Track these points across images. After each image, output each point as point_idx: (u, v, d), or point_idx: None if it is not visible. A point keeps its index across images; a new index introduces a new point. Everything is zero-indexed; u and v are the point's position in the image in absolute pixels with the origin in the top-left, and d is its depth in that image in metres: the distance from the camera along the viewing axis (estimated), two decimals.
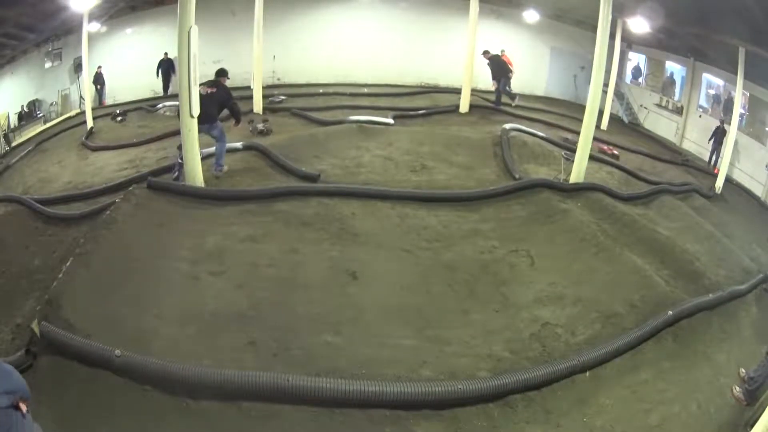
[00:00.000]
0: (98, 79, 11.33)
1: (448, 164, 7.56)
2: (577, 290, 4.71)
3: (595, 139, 7.31)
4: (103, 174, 7.41)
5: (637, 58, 14.10)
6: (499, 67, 11.10)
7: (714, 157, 11.09)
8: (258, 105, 10.16)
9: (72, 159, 8.60)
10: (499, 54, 11.27)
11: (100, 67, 11.27)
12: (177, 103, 6.94)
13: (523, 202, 6.38)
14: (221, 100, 6.35)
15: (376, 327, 3.99)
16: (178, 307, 3.99)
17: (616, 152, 9.78)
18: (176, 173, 6.33)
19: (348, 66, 13.24)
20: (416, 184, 6.76)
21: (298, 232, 5.26)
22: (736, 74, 9.53)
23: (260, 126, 8.67)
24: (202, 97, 5.88)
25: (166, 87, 11.89)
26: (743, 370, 4.10)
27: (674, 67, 12.85)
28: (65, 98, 11.33)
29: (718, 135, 10.79)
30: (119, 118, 10.60)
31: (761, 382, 3.84)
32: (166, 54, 11.46)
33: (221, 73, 6.46)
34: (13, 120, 10.35)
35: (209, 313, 3.96)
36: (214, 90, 6.26)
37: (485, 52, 10.93)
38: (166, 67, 11.61)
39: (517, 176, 7.05)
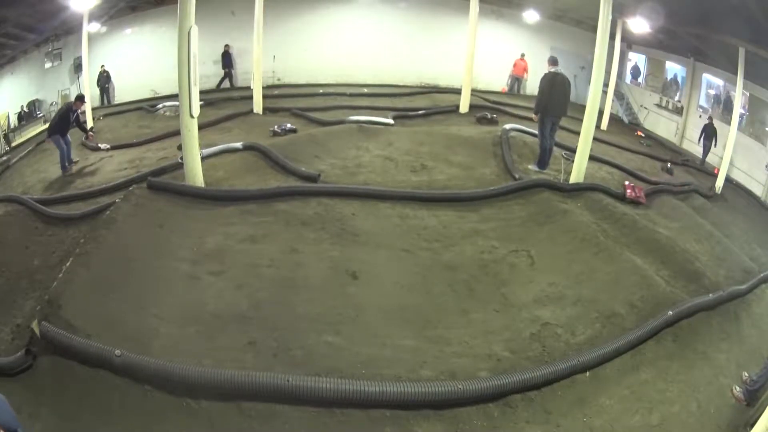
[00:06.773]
0: (101, 80, 11.29)
1: (448, 164, 7.55)
2: (577, 290, 4.71)
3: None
4: (102, 174, 7.41)
5: (636, 58, 14.10)
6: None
7: (705, 156, 11.02)
8: (258, 105, 10.17)
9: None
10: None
11: (103, 66, 11.25)
12: (176, 103, 6.95)
13: (523, 202, 6.37)
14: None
15: (376, 327, 3.99)
16: (178, 307, 3.99)
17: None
18: None
19: (348, 66, 13.23)
20: (416, 185, 6.75)
21: (298, 233, 5.26)
22: (736, 74, 9.53)
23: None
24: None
25: None
26: (746, 374, 4.10)
27: (674, 68, 12.85)
28: (65, 98, 11.29)
29: (708, 132, 10.81)
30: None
31: (762, 383, 3.84)
32: None
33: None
34: (13, 120, 10.35)
35: (209, 313, 3.96)
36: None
37: None
38: None
39: (517, 176, 7.04)
